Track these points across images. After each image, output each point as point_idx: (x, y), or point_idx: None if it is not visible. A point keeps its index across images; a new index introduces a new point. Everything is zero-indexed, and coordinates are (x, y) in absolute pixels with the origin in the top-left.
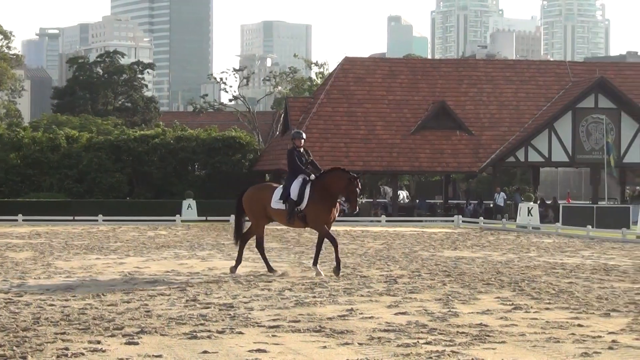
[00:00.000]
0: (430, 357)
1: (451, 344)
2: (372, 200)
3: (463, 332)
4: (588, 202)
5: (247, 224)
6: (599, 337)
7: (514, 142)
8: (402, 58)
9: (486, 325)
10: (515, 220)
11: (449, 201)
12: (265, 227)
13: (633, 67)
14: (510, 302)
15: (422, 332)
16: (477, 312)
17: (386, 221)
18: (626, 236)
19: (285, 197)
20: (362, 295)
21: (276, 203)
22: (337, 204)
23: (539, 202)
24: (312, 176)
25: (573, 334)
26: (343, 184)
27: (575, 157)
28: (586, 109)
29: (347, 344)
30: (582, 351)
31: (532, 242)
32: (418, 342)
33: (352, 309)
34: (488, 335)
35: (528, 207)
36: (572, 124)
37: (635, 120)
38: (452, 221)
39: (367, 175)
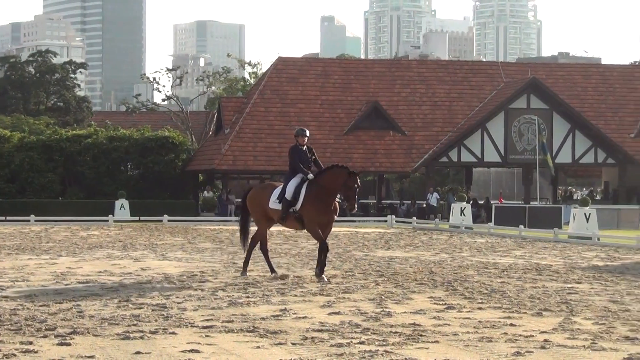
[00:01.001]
0: (364, 357)
1: (384, 343)
2: None
3: (396, 332)
4: (520, 202)
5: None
6: (531, 336)
7: (446, 142)
8: (335, 58)
9: (419, 325)
10: (448, 220)
11: (382, 201)
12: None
13: (565, 67)
14: (443, 302)
15: (355, 331)
16: (410, 312)
17: None
18: (558, 236)
19: (281, 196)
20: (295, 295)
21: (273, 203)
22: (336, 204)
23: (471, 202)
24: (310, 175)
25: (505, 333)
26: (341, 180)
27: (507, 157)
28: (518, 109)
29: (280, 344)
30: (514, 350)
31: (464, 242)
32: (351, 341)
33: (285, 309)
34: (421, 335)
35: (461, 207)
36: (505, 125)
37: (566, 120)
38: (386, 221)
39: None
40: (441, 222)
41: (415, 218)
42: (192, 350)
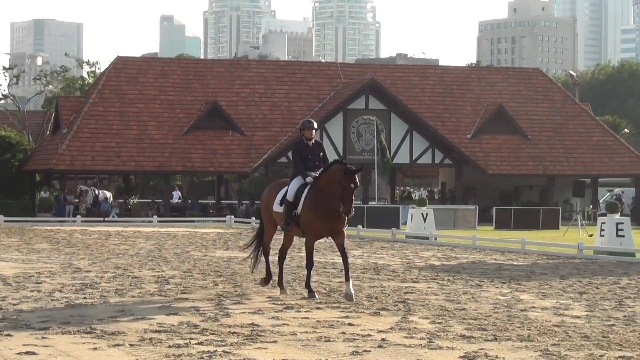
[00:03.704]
0: (202, 358)
1: (223, 344)
2: (150, 200)
3: (235, 332)
4: (359, 202)
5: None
6: (369, 335)
7: (285, 143)
8: (174, 58)
9: (258, 325)
10: None
11: (222, 201)
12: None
13: (403, 69)
14: (282, 302)
15: (193, 332)
16: (249, 312)
17: (158, 221)
18: (396, 236)
19: (284, 198)
20: (133, 296)
21: (276, 205)
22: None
23: None
24: (309, 179)
25: (344, 332)
26: (336, 179)
27: (346, 157)
28: (357, 110)
29: (118, 345)
30: (352, 350)
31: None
32: (190, 342)
33: (123, 310)
34: (260, 335)
35: None
36: (343, 125)
37: (404, 121)
38: (224, 221)
39: (139, 175)
40: None
41: (254, 218)
42: (28, 353)
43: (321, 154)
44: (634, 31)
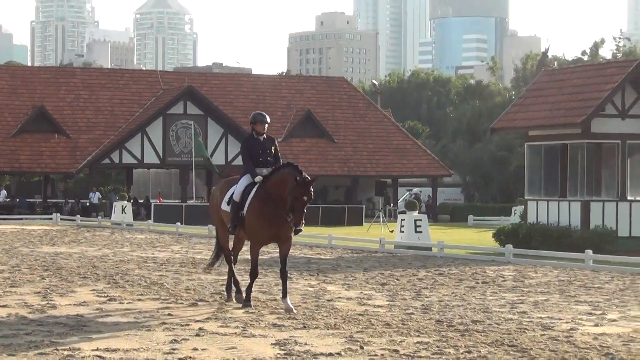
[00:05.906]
0: (30, 347)
1: (49, 334)
2: None
3: (61, 323)
4: (178, 201)
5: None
6: (187, 325)
7: (109, 145)
8: (2, 65)
9: (82, 316)
10: (111, 218)
11: (48, 200)
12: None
13: (218, 77)
14: (105, 294)
15: (22, 323)
16: (74, 304)
17: None
18: (212, 232)
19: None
20: None
21: (224, 204)
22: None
23: (132, 200)
24: (259, 178)
25: (164, 322)
26: (287, 186)
27: (165, 159)
28: (176, 114)
29: None
30: (171, 338)
31: (126, 238)
32: (18, 333)
33: None
34: (84, 326)
35: (122, 206)
36: (163, 129)
37: (220, 125)
38: (51, 219)
39: None
40: (104, 220)
41: (79, 216)
42: None
43: (273, 148)
44: (430, 44)
